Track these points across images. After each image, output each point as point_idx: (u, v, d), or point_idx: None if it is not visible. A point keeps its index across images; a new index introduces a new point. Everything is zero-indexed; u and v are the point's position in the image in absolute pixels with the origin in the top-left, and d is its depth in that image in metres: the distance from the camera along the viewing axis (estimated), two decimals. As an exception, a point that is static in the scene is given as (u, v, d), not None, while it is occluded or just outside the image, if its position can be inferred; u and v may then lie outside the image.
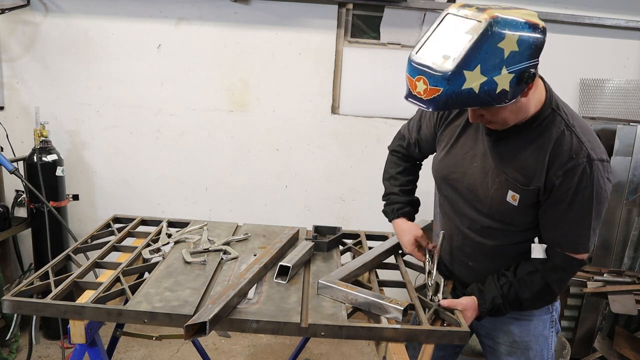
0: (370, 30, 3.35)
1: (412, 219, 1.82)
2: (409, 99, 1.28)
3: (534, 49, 1.19)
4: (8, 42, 3.27)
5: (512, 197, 1.42)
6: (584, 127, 1.40)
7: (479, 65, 1.15)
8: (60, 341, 2.96)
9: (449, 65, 1.16)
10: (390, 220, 1.85)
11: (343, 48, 3.32)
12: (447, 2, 3.23)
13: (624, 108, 3.32)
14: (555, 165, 1.36)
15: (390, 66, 3.32)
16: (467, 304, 1.52)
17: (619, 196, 2.91)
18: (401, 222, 1.80)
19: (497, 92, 1.19)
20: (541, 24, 1.20)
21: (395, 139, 1.92)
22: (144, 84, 3.33)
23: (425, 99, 1.21)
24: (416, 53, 1.25)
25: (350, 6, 3.28)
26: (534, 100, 1.36)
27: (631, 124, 2.94)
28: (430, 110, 1.25)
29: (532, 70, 1.21)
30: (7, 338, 2.87)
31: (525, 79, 1.20)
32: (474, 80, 1.16)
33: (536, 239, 1.49)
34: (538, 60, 1.22)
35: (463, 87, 1.17)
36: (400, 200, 1.82)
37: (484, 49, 1.15)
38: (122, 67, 3.30)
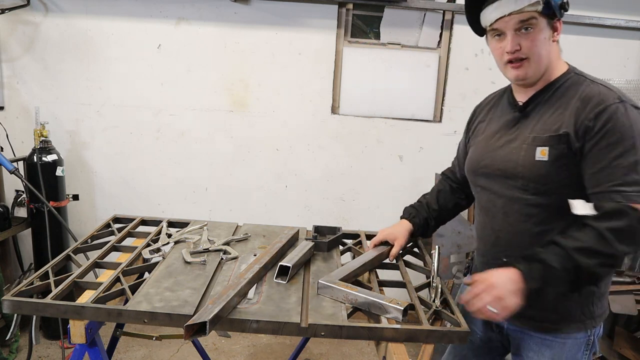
0: (370, 30, 3.35)
1: (414, 222, 1.85)
2: None
3: None
4: (8, 42, 3.27)
5: (541, 152, 1.39)
6: (612, 85, 1.39)
7: None
8: (60, 341, 2.96)
9: None
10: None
11: (343, 48, 3.32)
12: (447, 2, 3.23)
13: (624, 108, 3.32)
14: (587, 109, 1.33)
15: (390, 66, 3.32)
16: (499, 276, 1.32)
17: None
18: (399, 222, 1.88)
19: None
20: None
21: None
22: (144, 84, 3.33)
23: None
24: None
25: (350, 6, 3.28)
26: (558, 61, 1.44)
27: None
28: None
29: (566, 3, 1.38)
30: (7, 338, 2.87)
31: (563, 6, 1.37)
32: None
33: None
34: None
35: None
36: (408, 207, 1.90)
37: None
38: (122, 67, 3.31)
